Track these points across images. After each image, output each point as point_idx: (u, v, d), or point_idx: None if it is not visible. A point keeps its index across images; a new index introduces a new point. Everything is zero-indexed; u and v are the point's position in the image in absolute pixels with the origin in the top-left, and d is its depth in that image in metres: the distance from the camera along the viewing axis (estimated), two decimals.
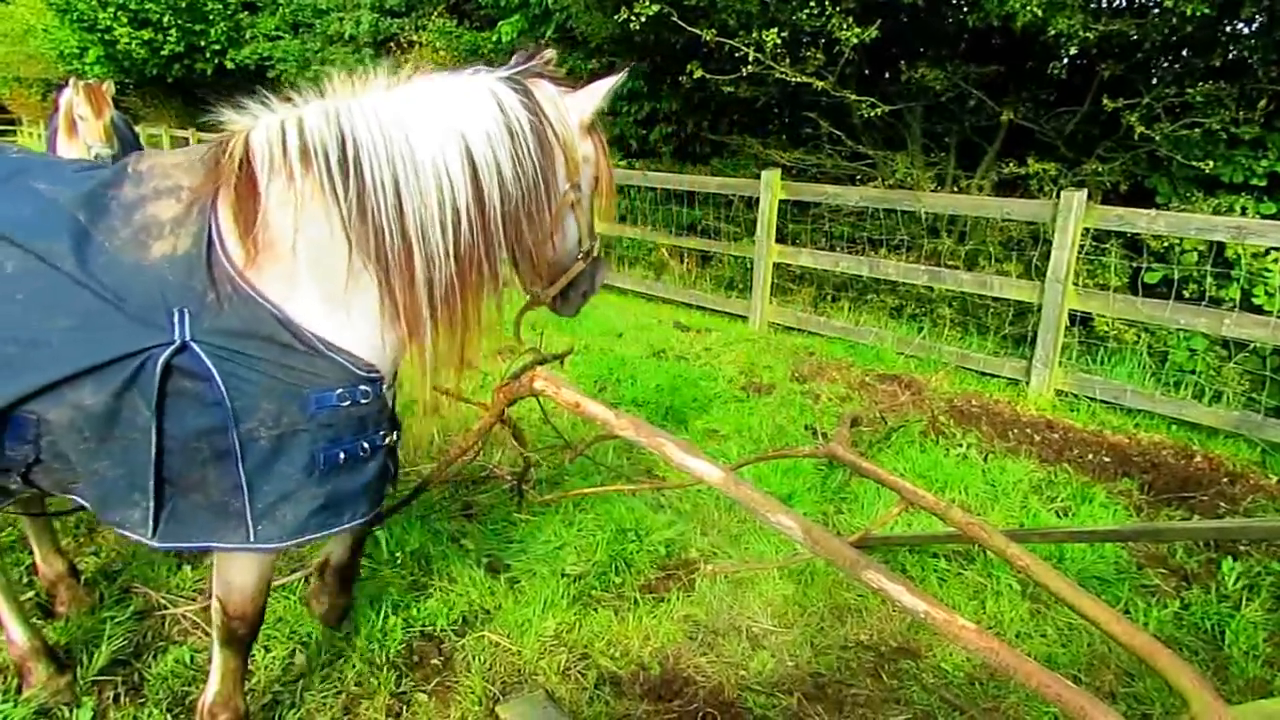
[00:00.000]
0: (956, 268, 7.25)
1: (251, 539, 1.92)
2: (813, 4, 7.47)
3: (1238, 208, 6.86)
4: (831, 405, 5.46)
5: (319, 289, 1.90)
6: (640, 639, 2.90)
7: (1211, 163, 6.72)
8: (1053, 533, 2.97)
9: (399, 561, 3.22)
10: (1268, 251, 6.28)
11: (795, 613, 3.10)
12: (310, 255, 1.89)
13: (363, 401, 1.95)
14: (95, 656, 2.61)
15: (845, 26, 7.33)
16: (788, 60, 7.95)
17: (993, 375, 6.17)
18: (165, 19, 19.87)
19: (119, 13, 19.52)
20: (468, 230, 1.98)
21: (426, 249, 1.94)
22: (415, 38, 15.45)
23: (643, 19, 7.98)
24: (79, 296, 1.79)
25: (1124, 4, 7.28)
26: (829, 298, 8.57)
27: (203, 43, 20.85)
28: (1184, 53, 7.39)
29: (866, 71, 9.29)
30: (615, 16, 8.48)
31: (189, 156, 2.01)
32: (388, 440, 2.08)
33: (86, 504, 1.98)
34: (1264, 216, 6.69)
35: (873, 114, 8.01)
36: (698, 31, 8.07)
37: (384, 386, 2.03)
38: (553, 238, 2.24)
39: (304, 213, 1.88)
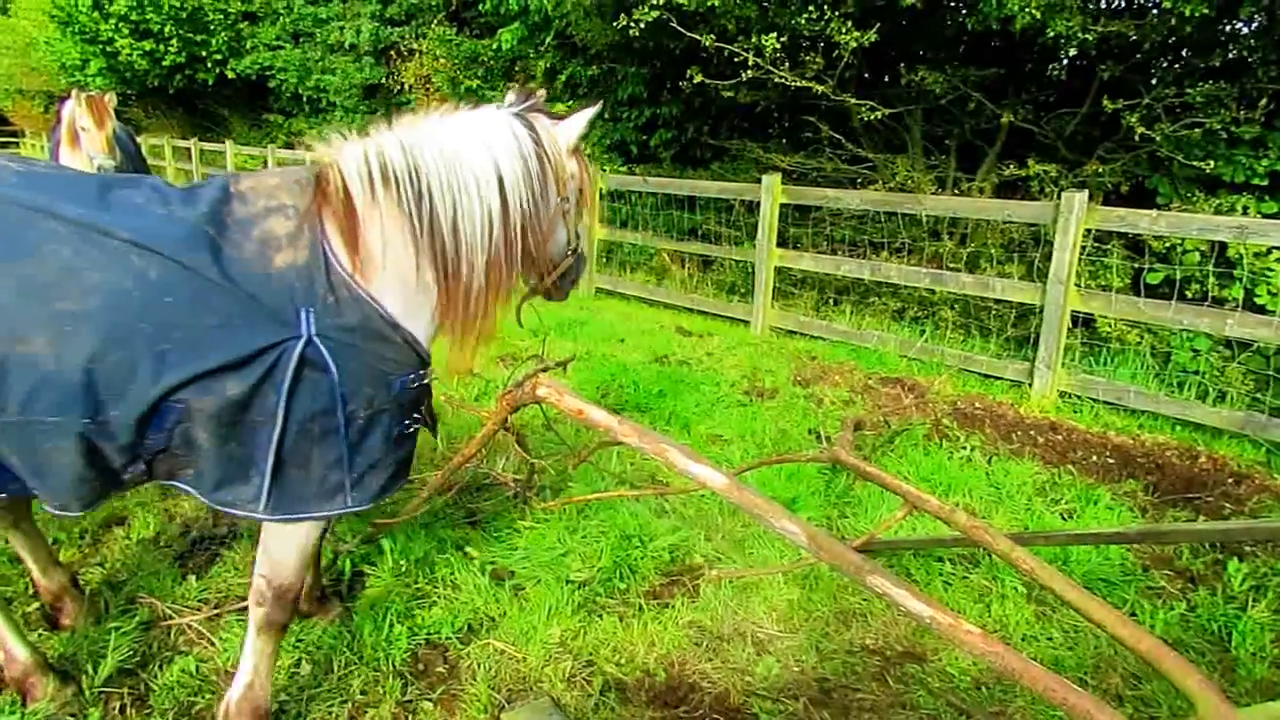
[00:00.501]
0: (958, 270, 7.26)
1: (348, 504, 2.25)
2: (811, 8, 7.48)
3: (1239, 207, 6.85)
4: (834, 409, 5.46)
5: (401, 291, 2.29)
6: (645, 645, 2.90)
7: (1212, 163, 6.72)
8: (1057, 535, 2.96)
9: (403, 570, 3.22)
10: (1270, 251, 6.28)
11: (800, 618, 3.10)
12: (393, 262, 2.29)
13: (423, 383, 2.38)
14: (101, 667, 2.61)
15: (844, 30, 7.35)
16: (787, 65, 7.96)
17: (996, 377, 6.16)
18: (166, 29, 19.92)
19: (120, 24, 19.58)
20: (499, 238, 2.42)
21: (471, 256, 2.37)
22: (415, 46, 15.52)
23: (642, 25, 8.00)
24: (222, 299, 2.07)
25: (1123, 5, 7.29)
26: (831, 301, 8.57)
27: (204, 53, 20.91)
28: (1183, 53, 7.40)
29: (866, 75, 9.31)
30: (614, 23, 8.50)
31: (283, 179, 2.32)
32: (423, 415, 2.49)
33: (190, 489, 2.24)
34: (1265, 216, 6.68)
35: (873, 117, 8.02)
36: (697, 37, 8.09)
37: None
38: (548, 240, 2.65)
39: (388, 228, 2.28)
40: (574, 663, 2.79)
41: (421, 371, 2.35)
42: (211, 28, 20.71)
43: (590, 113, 2.78)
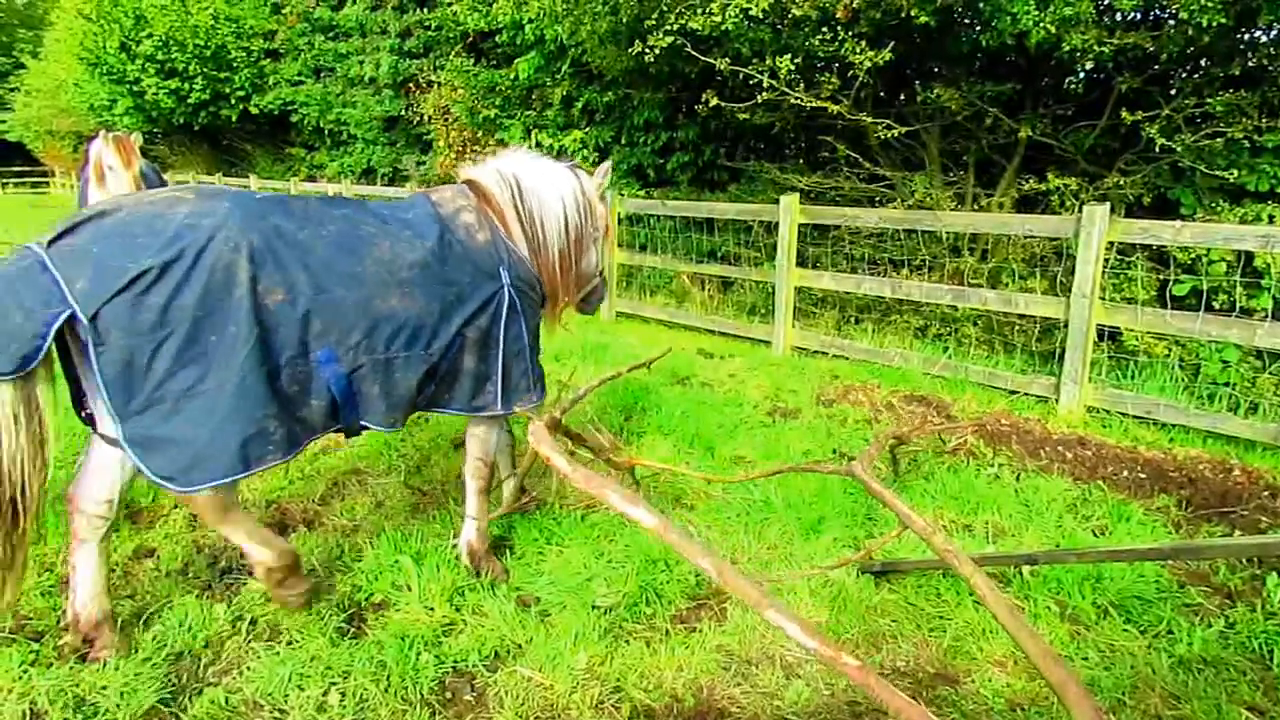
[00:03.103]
0: (980, 286, 7.21)
1: (533, 400, 3.39)
2: (825, 30, 7.51)
3: (1265, 216, 6.77)
4: (858, 429, 5.42)
5: (525, 258, 3.45)
6: (673, 670, 2.87)
7: (1236, 171, 6.65)
8: (1089, 553, 2.91)
9: (428, 598, 3.22)
10: None
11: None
12: (519, 241, 3.43)
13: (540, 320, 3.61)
14: (131, 700, 2.63)
15: (858, 50, 7.36)
16: (802, 86, 7.99)
17: (1021, 393, 6.10)
18: (191, 68, 20.35)
19: (147, 64, 20.02)
20: (564, 239, 3.60)
21: (549, 245, 3.54)
22: (434, 77, 15.72)
23: (656, 51, 8.06)
24: (466, 265, 3.17)
25: (1139, 17, 7.25)
26: (852, 320, 8.54)
27: (227, 90, 21.32)
28: (1202, 63, 7.34)
29: (882, 94, 9.31)
30: (629, 50, 8.58)
31: (452, 190, 3.43)
32: None
33: (451, 410, 3.25)
34: None
35: (889, 135, 8.02)
36: (711, 61, 8.13)
37: None
38: (582, 259, 3.80)
39: (514, 219, 3.44)
40: (601, 689, 2.77)
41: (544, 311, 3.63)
42: (235, 65, 21.13)
43: (606, 165, 3.97)
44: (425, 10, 17.03)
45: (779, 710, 2.70)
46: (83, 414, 2.76)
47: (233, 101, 21.57)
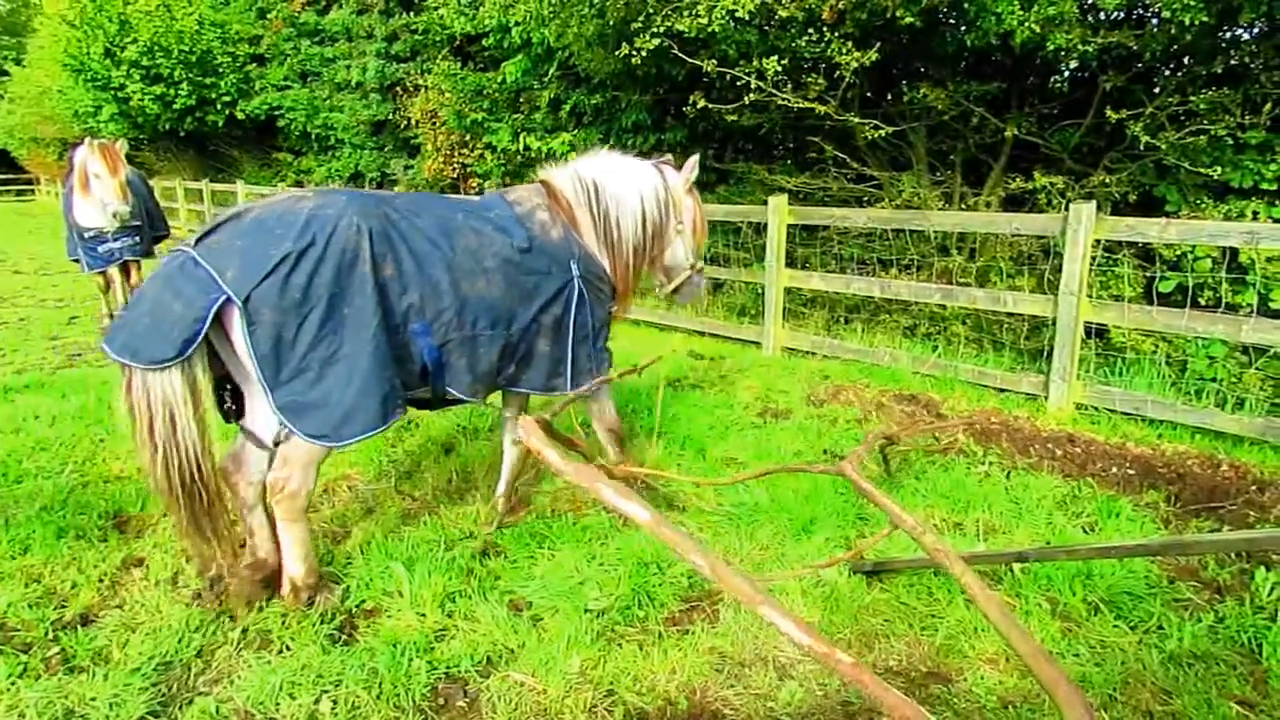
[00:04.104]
0: (969, 284, 7.23)
1: (596, 376, 3.77)
2: (811, 31, 7.53)
3: (1249, 212, 6.82)
4: (849, 429, 5.43)
5: (599, 254, 3.83)
6: (666, 673, 2.87)
7: (1220, 168, 6.69)
8: (1080, 549, 2.92)
9: (420, 604, 3.21)
10: None
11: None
12: (590, 238, 3.80)
13: (611, 310, 3.95)
14: (124, 712, 2.61)
15: (844, 51, 7.39)
16: (789, 87, 8.01)
17: (1010, 391, 6.12)
18: (176, 74, 20.25)
19: (132, 70, 19.91)
20: (639, 235, 3.94)
21: (623, 242, 3.89)
22: (421, 81, 15.70)
23: (643, 53, 8.07)
24: (543, 257, 3.55)
25: (1122, 16, 7.29)
26: (842, 320, 8.56)
27: (213, 95, 21.22)
28: (1185, 61, 7.39)
29: (868, 94, 9.34)
30: (616, 52, 8.58)
31: (527, 190, 3.80)
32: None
33: (527, 389, 3.67)
34: (1276, 220, 6.64)
35: (876, 136, 8.04)
36: (698, 63, 8.14)
37: None
38: (665, 252, 4.20)
39: (586, 217, 3.81)
40: (595, 693, 2.77)
41: (614, 303, 3.95)
42: (221, 70, 21.05)
43: (694, 160, 4.25)
44: (411, 14, 17.00)
45: (772, 711, 2.70)
46: (223, 409, 3.18)
47: (219, 107, 21.47)
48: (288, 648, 2.99)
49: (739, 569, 2.86)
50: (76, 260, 8.82)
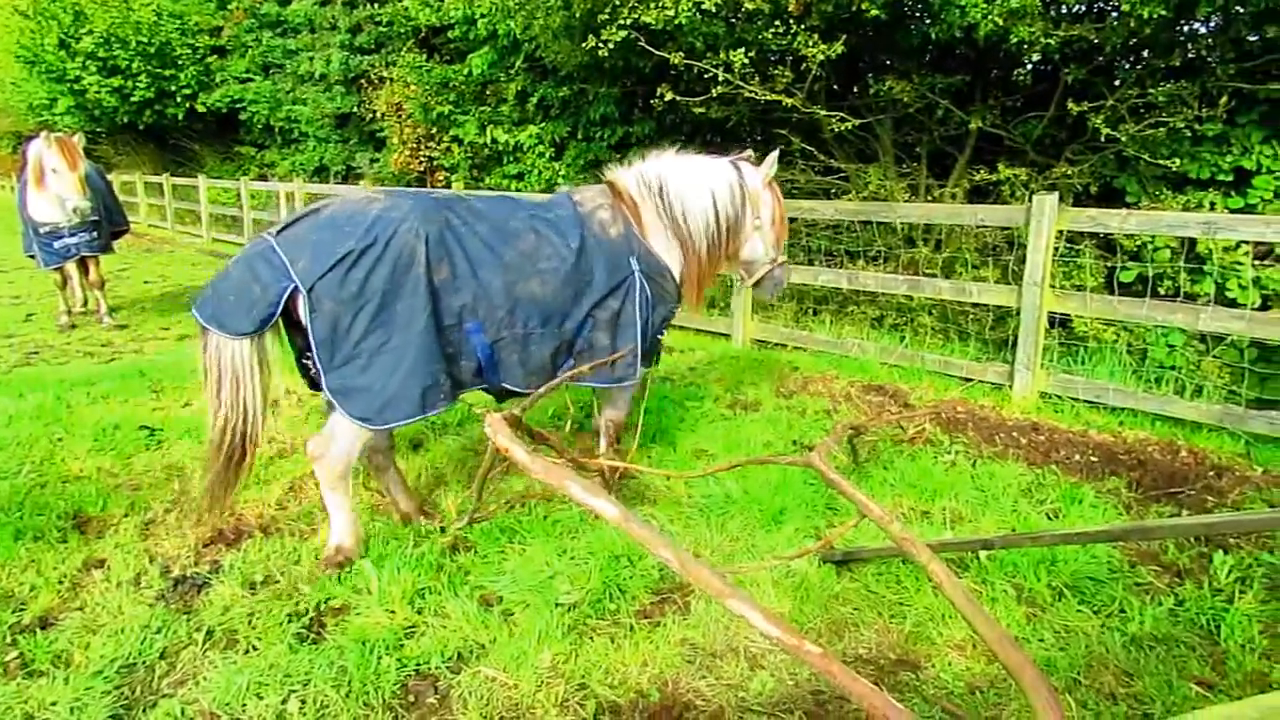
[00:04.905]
0: (935, 275, 7.31)
1: (642, 369, 3.97)
2: (778, 23, 7.55)
3: (1207, 203, 6.96)
4: (818, 419, 5.47)
5: (663, 251, 3.94)
6: (638, 665, 2.87)
7: (1178, 160, 6.82)
8: (1044, 536, 2.96)
9: (389, 600, 3.19)
10: (1238, 245, 6.37)
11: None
12: (654, 235, 3.93)
13: (676, 306, 4.14)
14: (85, 716, 2.56)
15: (811, 44, 7.42)
16: (757, 79, 8.02)
17: (976, 380, 6.20)
18: (134, 66, 19.86)
19: (88, 62, 19.50)
20: (712, 232, 4.01)
21: (695, 238, 3.98)
22: (386, 74, 15.54)
23: (610, 45, 8.05)
24: (600, 255, 3.70)
25: (1083, 10, 7.39)
26: (810, 311, 8.60)
27: (173, 88, 20.84)
28: (1144, 54, 7.51)
29: (835, 86, 9.39)
30: (583, 44, 8.55)
31: (593, 190, 3.98)
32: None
33: (590, 383, 3.84)
34: (1232, 211, 6.78)
35: (843, 128, 8.09)
36: (666, 55, 8.13)
37: None
38: (743, 247, 4.26)
39: (650, 216, 3.93)
40: (566, 687, 2.76)
41: (676, 301, 4.10)
42: (180, 62, 20.67)
43: (773, 156, 4.25)
44: (375, 5, 16.81)
45: (744, 701, 2.71)
46: (309, 376, 3.49)
47: (178, 100, 21.09)
48: (254, 647, 2.95)
49: (707, 562, 2.89)
50: (32, 256, 8.62)
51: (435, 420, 5.32)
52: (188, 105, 21.23)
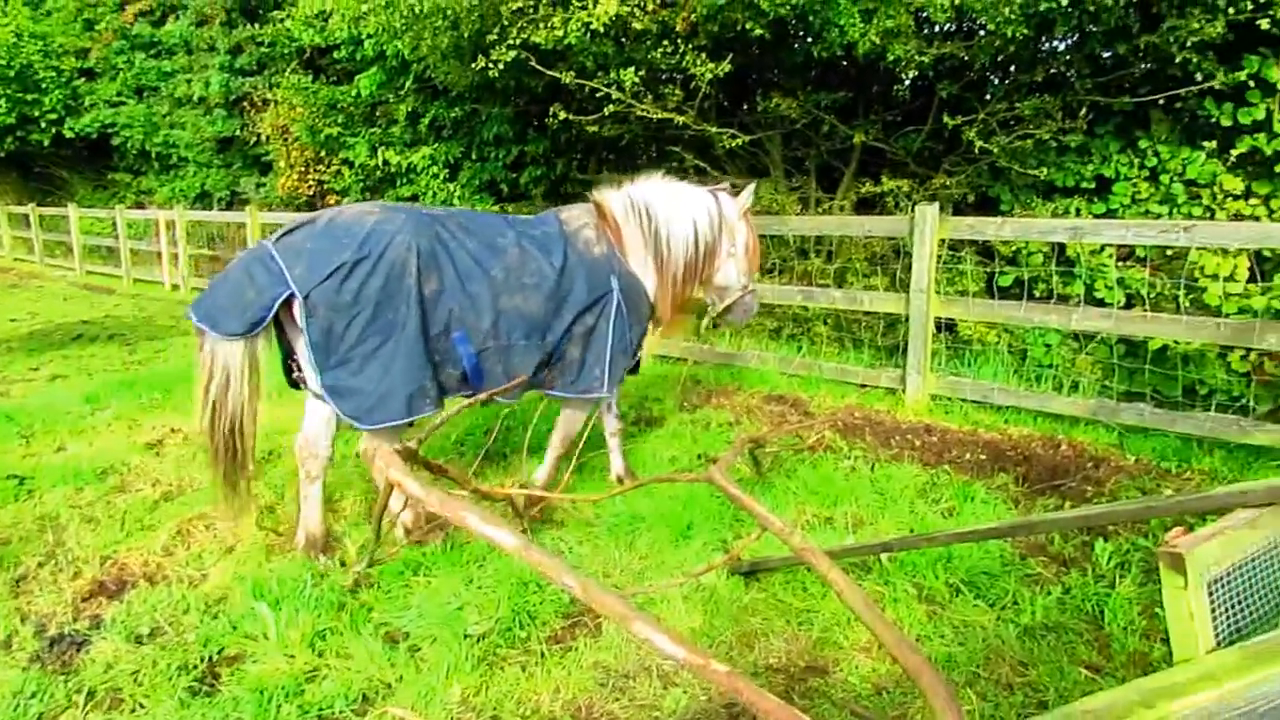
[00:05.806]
0: (828, 286, 7.52)
1: (596, 392, 4.00)
2: (666, 43, 7.66)
3: (1073, 209, 7.39)
4: (722, 432, 5.53)
5: (642, 272, 4.10)
6: (550, 693, 2.83)
7: (1045, 169, 7.24)
8: (938, 535, 3.07)
9: (288, 645, 3.05)
10: (1103, 248, 6.78)
11: (704, 644, 3.09)
12: (635, 256, 4.09)
13: (648, 326, 4.28)
14: None
15: (699, 63, 7.55)
16: (649, 98, 8.12)
17: (871, 386, 6.39)
18: None
19: None
20: (690, 256, 4.18)
21: (675, 263, 4.14)
22: (270, 95, 15.05)
23: (501, 66, 8.01)
24: (581, 272, 3.85)
25: (954, 28, 7.77)
26: (710, 325, 8.71)
27: (36, 113, 19.68)
28: (1011, 70, 7.95)
29: (725, 104, 9.58)
30: (473, 65, 8.47)
31: (579, 210, 4.14)
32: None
33: (559, 392, 3.99)
34: (1096, 216, 7.22)
35: (734, 144, 8.26)
36: (557, 75, 8.15)
37: None
38: (717, 273, 4.39)
39: (633, 238, 4.09)
40: None
41: (651, 321, 4.27)
42: (44, 86, 19.54)
43: (750, 188, 4.52)
44: (256, 26, 16.26)
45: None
46: (291, 378, 3.70)
47: (43, 125, 19.93)
48: (141, 705, 2.78)
49: (609, 586, 2.88)
50: None
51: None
52: (54, 131, 20.07)
